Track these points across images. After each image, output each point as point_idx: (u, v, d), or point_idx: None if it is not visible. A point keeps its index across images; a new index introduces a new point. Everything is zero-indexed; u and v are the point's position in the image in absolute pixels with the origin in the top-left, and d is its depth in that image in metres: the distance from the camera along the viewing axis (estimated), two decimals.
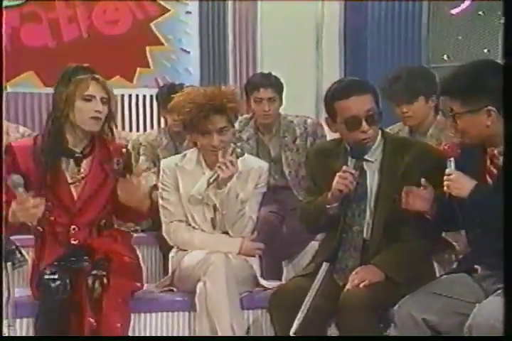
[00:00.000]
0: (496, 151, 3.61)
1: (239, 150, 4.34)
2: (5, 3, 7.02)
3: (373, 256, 3.94)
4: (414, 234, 3.88)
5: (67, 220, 4.05)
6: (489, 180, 3.63)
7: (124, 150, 4.16)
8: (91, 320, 3.77)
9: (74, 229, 4.05)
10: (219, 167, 4.12)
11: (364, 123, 3.90)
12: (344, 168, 3.87)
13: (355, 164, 3.95)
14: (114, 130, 4.12)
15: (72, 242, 4.05)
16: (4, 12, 6.97)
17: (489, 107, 3.54)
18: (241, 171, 4.27)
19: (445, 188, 3.58)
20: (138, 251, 4.32)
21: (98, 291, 3.83)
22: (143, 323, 4.14)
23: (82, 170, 4.05)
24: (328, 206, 3.90)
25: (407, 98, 4.89)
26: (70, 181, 4.03)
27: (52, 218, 4.03)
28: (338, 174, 3.84)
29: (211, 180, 4.14)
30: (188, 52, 7.47)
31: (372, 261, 3.91)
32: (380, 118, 4.01)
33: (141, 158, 5.63)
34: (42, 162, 3.99)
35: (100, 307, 3.79)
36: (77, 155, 4.05)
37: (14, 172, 3.78)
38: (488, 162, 3.64)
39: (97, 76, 4.03)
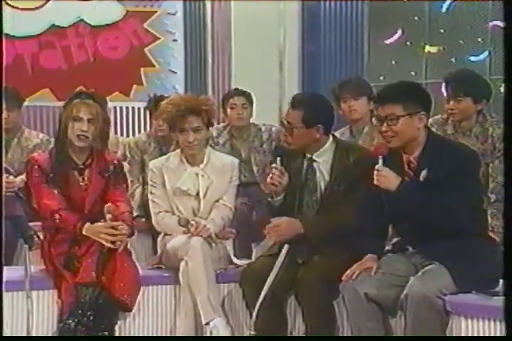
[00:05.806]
0: (411, 158, 3.54)
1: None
2: (26, 33, 7.03)
3: None
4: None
5: (78, 218, 3.87)
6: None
7: (116, 161, 4.07)
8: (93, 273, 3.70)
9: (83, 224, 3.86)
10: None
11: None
12: (273, 165, 3.85)
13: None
14: (109, 144, 4.04)
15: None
16: (26, 41, 7.02)
17: (422, 113, 3.49)
18: (217, 165, 4.17)
19: (375, 182, 3.48)
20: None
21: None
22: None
23: (85, 178, 3.95)
24: (269, 199, 3.89)
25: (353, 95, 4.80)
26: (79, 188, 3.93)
27: (65, 215, 3.86)
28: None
29: None
30: (175, 73, 7.45)
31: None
32: None
33: (126, 167, 5.32)
34: (56, 172, 3.91)
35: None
36: (80, 166, 3.95)
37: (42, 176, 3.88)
38: (406, 167, 3.55)
39: (87, 101, 3.88)
